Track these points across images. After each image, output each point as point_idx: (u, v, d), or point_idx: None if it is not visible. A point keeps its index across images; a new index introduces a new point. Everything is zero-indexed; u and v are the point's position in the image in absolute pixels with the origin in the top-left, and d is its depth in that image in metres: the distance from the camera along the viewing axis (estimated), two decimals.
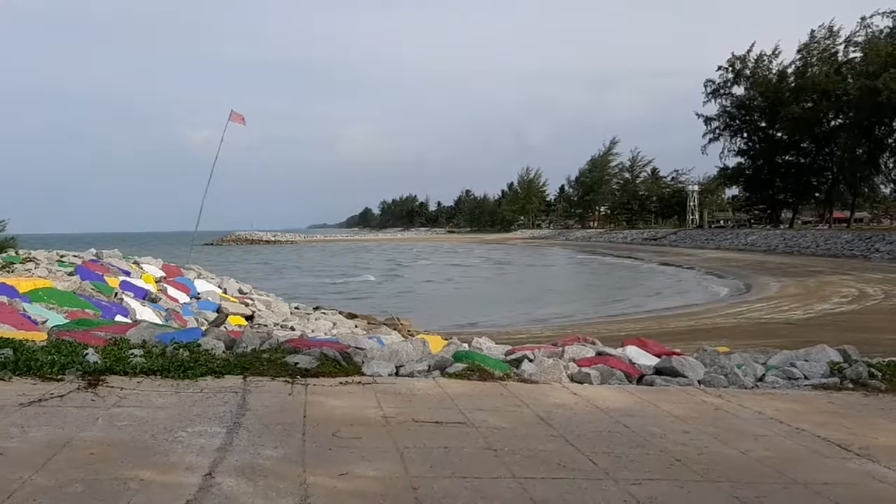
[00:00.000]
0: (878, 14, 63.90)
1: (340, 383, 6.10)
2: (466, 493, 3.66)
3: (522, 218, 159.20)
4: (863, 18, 67.12)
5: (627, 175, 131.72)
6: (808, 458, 4.63)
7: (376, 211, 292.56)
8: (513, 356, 7.58)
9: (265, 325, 14.03)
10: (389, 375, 6.57)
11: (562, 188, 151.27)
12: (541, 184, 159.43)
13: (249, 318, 14.86)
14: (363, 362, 6.74)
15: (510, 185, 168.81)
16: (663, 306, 27.70)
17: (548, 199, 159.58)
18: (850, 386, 6.93)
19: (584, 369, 6.91)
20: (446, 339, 9.76)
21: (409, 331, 17.54)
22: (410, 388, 6.11)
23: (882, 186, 78.58)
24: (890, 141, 67.39)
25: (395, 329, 16.73)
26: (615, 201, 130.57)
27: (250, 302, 16.49)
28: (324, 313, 18.86)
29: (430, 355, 7.28)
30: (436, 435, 4.71)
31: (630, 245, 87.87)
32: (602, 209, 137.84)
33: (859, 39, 68.00)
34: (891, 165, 70.06)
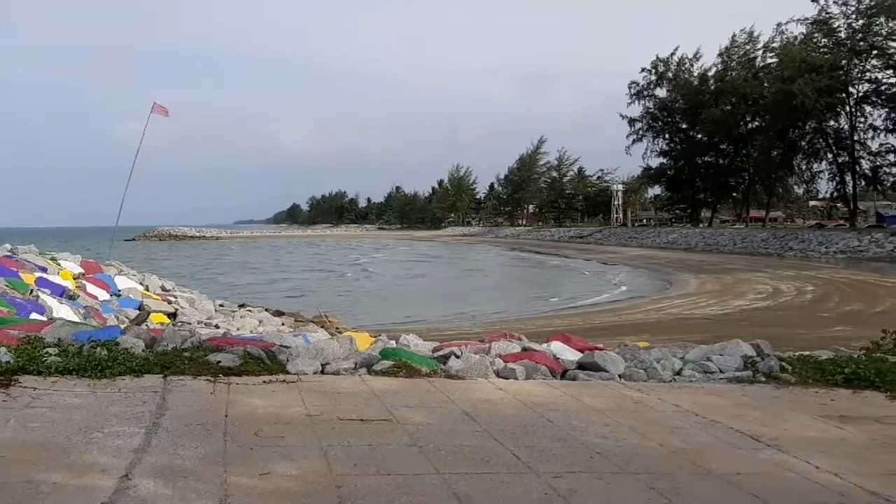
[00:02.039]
0: (793, 21, 66.74)
1: (264, 382, 6.02)
2: (390, 490, 3.67)
3: (453, 215, 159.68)
4: (778, 25, 69.99)
5: (555, 174, 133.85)
6: (722, 449, 4.81)
7: (305, 207, 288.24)
8: (440, 353, 7.62)
9: (188, 323, 13.69)
10: (315, 373, 6.51)
11: (491, 186, 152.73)
12: (471, 181, 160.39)
13: (172, 315, 14.50)
14: (288, 360, 6.66)
15: (440, 183, 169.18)
16: (589, 302, 28.23)
17: (478, 196, 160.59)
18: (763, 379, 7.22)
19: (510, 365, 7.01)
20: (374, 336, 9.73)
21: (337, 328, 17.41)
22: (336, 385, 6.07)
23: (795, 187, 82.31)
24: (802, 143, 70.44)
25: (322, 326, 16.58)
26: (543, 199, 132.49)
27: (173, 299, 16.08)
28: (249, 311, 18.53)
29: (357, 353, 7.25)
30: (361, 433, 4.70)
31: (557, 243, 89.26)
32: (531, 207, 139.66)
33: (775, 45, 70.86)
34: (803, 167, 73.32)
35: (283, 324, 17.30)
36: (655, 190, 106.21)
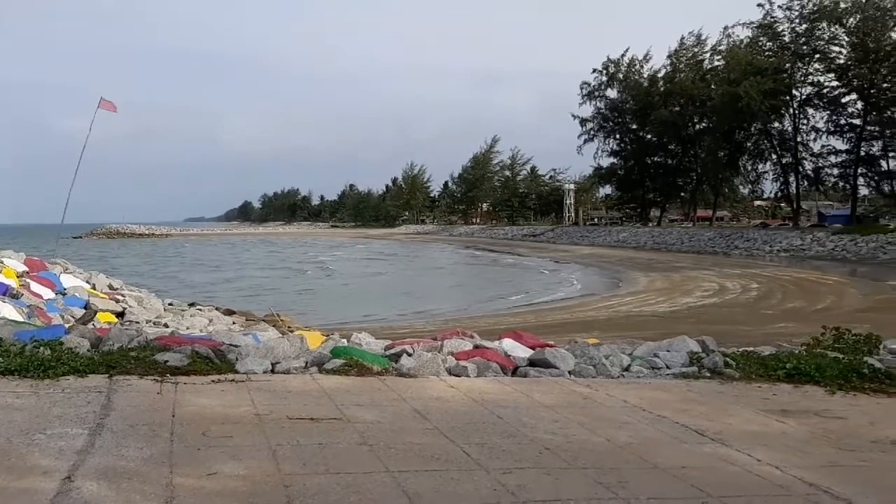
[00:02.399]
0: (739, 25, 68.37)
1: (213, 381, 5.95)
2: (339, 489, 3.66)
3: (407, 213, 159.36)
4: (725, 28, 71.68)
5: (508, 173, 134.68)
6: (667, 443, 4.91)
7: (257, 204, 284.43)
8: (392, 351, 7.63)
9: (136, 323, 13.42)
10: (265, 373, 6.46)
11: (445, 184, 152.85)
12: (425, 179, 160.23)
13: (120, 314, 14.20)
14: (237, 360, 6.59)
15: (394, 181, 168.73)
16: (542, 300, 28.48)
17: (432, 195, 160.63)
18: (708, 374, 7.38)
19: (462, 362, 7.04)
20: (325, 335, 9.68)
21: (289, 327, 17.26)
22: (286, 385, 6.03)
23: (741, 187, 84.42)
24: (748, 145, 72.22)
25: (274, 325, 16.41)
26: (497, 198, 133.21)
27: (121, 298, 15.75)
28: (199, 310, 18.26)
29: (308, 351, 7.21)
30: (310, 432, 4.67)
31: (511, 241, 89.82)
32: (484, 206, 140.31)
33: (722, 48, 72.50)
34: (749, 168, 75.20)
35: (233, 323, 17.09)
36: (606, 189, 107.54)
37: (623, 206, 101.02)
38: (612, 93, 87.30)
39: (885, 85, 59.13)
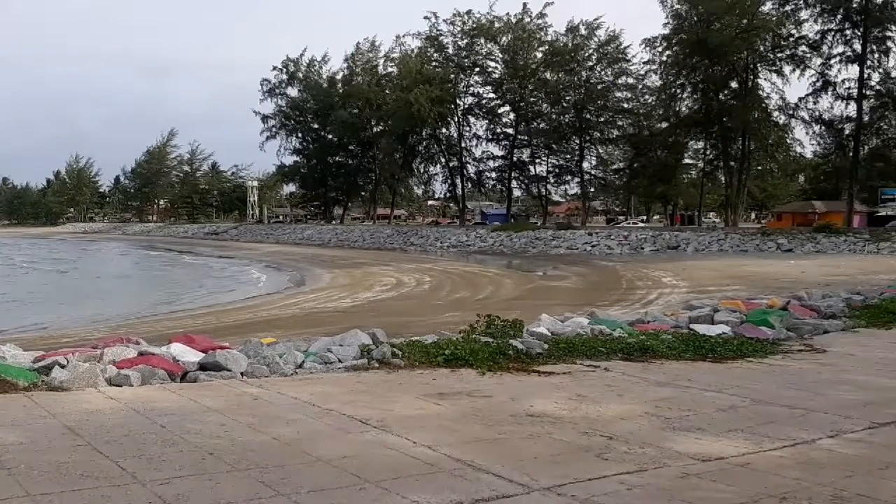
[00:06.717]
0: (410, 35, 72.96)
1: None
2: None
3: (72, 210, 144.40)
4: (398, 37, 76.13)
5: (187, 168, 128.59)
6: (332, 435, 5.11)
7: None
8: (42, 363, 6.90)
9: None
10: None
11: (117, 179, 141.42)
12: (93, 174, 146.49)
13: None
14: None
15: (57, 174, 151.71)
16: (224, 301, 27.59)
17: (101, 190, 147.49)
18: (377, 365, 7.80)
19: (124, 371, 6.63)
20: None
21: None
22: None
23: (416, 187, 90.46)
24: (420, 148, 77.60)
25: None
26: (175, 194, 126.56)
27: None
28: None
29: None
30: None
31: (191, 239, 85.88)
32: (162, 202, 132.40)
33: (395, 56, 76.87)
34: (422, 170, 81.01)
35: None
36: (291, 187, 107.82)
37: (307, 204, 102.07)
38: (293, 91, 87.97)
39: (531, 99, 67.48)
